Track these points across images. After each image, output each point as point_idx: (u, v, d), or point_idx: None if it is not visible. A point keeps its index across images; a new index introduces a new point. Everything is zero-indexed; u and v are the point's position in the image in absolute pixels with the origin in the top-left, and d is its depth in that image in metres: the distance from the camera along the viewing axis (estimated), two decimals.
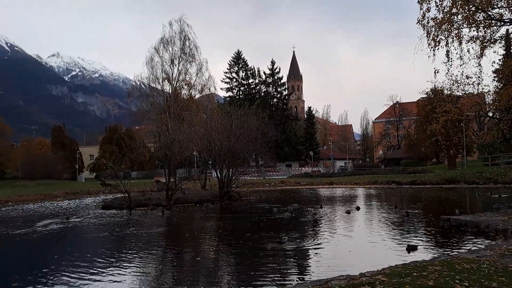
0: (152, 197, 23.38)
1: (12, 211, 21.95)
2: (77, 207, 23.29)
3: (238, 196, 24.28)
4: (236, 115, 25.81)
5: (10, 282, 7.72)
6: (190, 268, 8.69)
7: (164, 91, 52.02)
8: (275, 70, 69.88)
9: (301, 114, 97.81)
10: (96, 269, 8.33)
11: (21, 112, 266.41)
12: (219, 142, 24.55)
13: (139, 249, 10.52)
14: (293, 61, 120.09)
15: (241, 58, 69.49)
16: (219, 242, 11.67)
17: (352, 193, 27.93)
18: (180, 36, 50.80)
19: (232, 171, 24.30)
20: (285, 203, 20.47)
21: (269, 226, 14.02)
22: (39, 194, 31.69)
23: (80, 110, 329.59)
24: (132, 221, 16.05)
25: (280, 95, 70.65)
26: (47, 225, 15.32)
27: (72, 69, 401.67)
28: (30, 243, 12.21)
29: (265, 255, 9.34)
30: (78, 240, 12.69)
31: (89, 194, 33.44)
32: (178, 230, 14.39)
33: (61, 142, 71.80)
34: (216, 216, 18.29)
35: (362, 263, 8.23)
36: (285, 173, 52.37)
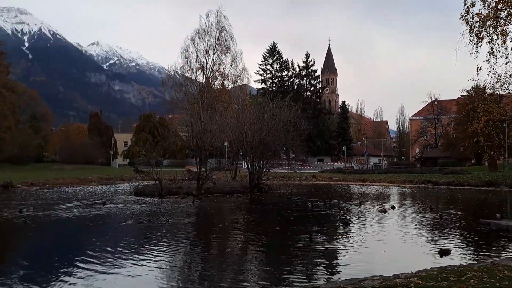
0: (183, 185, 23.57)
1: (52, 193, 22.66)
2: (111, 193, 23.79)
3: (268, 189, 24.13)
4: (268, 107, 25.55)
5: (37, 265, 7.86)
6: (218, 261, 8.58)
7: (198, 81, 52.29)
8: (310, 63, 69.01)
9: (334, 108, 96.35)
10: (124, 258, 8.35)
11: (61, 98, 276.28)
12: (251, 133, 24.40)
13: (168, 238, 10.51)
14: (328, 54, 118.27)
15: (276, 50, 68.97)
16: (248, 235, 11.51)
17: (386, 191, 27.18)
18: (217, 27, 50.83)
19: (263, 163, 24.12)
20: (315, 198, 20.12)
21: (300, 220, 13.78)
22: (75, 178, 32.64)
23: (117, 97, 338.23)
24: (163, 210, 16.15)
25: (314, 88, 69.77)
26: (84, 209, 15.67)
27: (110, 58, 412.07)
28: (69, 226, 12.51)
29: (295, 251, 9.13)
30: (112, 226, 12.81)
31: (122, 180, 34.16)
32: (207, 220, 14.37)
33: (98, 128, 73.89)
34: (246, 208, 18.21)
35: (392, 264, 7.98)
36: (317, 167, 51.81)
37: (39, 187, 26.74)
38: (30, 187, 26.43)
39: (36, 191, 23.93)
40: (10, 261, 8.56)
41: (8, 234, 11.75)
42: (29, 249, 9.95)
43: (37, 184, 27.66)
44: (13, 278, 6.96)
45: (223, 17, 51.10)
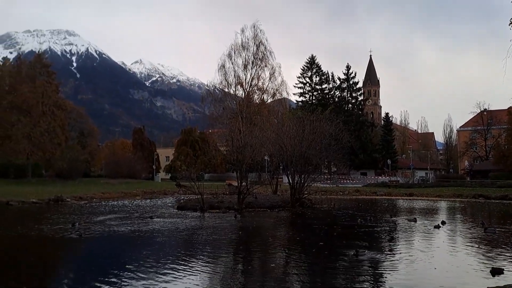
0: (224, 200, 23.55)
1: (100, 207, 23.33)
2: (155, 206, 24.15)
3: (310, 203, 23.65)
4: (308, 121, 25.21)
5: (87, 278, 7.97)
6: (260, 277, 8.44)
7: (237, 95, 52.77)
8: (351, 75, 68.01)
9: (377, 120, 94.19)
10: (168, 272, 8.32)
11: (107, 114, 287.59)
12: (291, 147, 24.12)
13: (212, 253, 10.44)
14: (370, 65, 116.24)
15: (315, 63, 68.55)
16: (291, 250, 11.24)
17: (435, 206, 25.96)
18: (254, 41, 51.29)
19: (305, 177, 23.72)
20: (361, 213, 19.50)
21: (345, 236, 13.32)
22: (120, 192, 33.54)
23: (159, 113, 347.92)
24: (206, 224, 16.14)
25: (355, 100, 68.54)
26: (133, 222, 15.99)
27: (152, 75, 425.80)
28: (119, 240, 12.76)
29: (339, 267, 8.82)
30: (161, 241, 12.83)
31: (164, 194, 34.72)
32: (250, 235, 14.16)
33: (141, 144, 75.95)
34: (288, 222, 17.91)
35: (443, 281, 7.64)
36: (360, 181, 50.52)
37: (87, 201, 27.64)
38: (79, 201, 27.35)
39: (85, 205, 24.75)
40: (63, 270, 8.73)
41: (63, 247, 12.10)
42: (81, 261, 10.19)
43: (85, 198, 28.60)
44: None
45: (259, 31, 51.53)
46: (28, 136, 48.56)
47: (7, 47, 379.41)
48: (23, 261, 9.93)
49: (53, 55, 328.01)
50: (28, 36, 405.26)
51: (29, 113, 49.82)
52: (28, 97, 49.24)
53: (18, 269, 8.99)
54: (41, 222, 16.15)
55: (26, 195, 27.23)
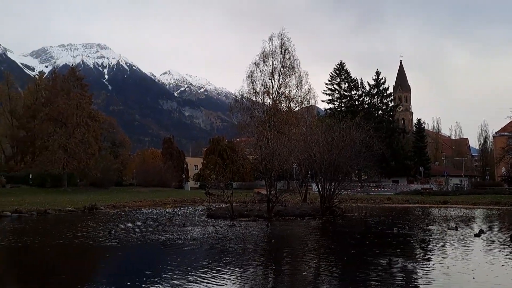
0: (253, 208, 23.57)
1: (133, 215, 23.81)
2: (185, 215, 24.43)
3: (341, 212, 23.34)
4: (338, 128, 24.96)
5: (123, 284, 8.14)
6: (291, 285, 8.42)
7: (264, 104, 52.86)
8: (380, 81, 66.90)
9: (409, 127, 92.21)
10: (201, 280, 8.41)
11: (137, 125, 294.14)
12: (320, 155, 23.91)
13: (244, 261, 10.47)
14: (400, 70, 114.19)
15: (344, 69, 67.91)
16: (322, 258, 11.14)
17: (471, 214, 25.09)
18: (281, 50, 51.36)
19: (334, 185, 23.45)
20: (392, 222, 19.10)
21: (377, 244, 13.07)
22: (151, 201, 34.15)
23: (187, 123, 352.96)
24: (237, 232, 16.18)
25: (386, 106, 67.31)
26: (167, 230, 16.26)
27: (180, 85, 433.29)
28: (154, 248, 12.97)
29: (371, 276, 8.65)
30: (194, 248, 12.92)
31: (194, 203, 35.07)
32: (281, 244, 14.08)
33: (170, 153, 77.23)
34: (319, 231, 17.74)
35: None
36: (392, 189, 49.48)
37: (120, 209, 28.26)
38: (112, 209, 28.02)
39: (119, 213, 25.34)
40: (101, 277, 8.97)
41: (101, 254, 12.43)
42: (119, 268, 10.49)
43: (118, 206, 29.27)
44: None
45: (286, 39, 51.56)
46: (64, 146, 50.28)
47: (43, 61, 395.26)
48: (64, 268, 10.26)
49: (86, 68, 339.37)
50: (62, 50, 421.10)
51: (64, 124, 51.63)
52: (63, 109, 51.07)
53: (59, 276, 9.27)
54: (79, 230, 16.66)
55: (62, 204, 28.15)
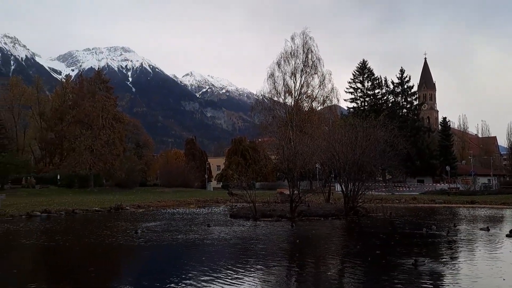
0: (276, 208, 23.53)
1: (157, 215, 24.16)
2: (209, 214, 24.62)
3: (365, 212, 23.06)
4: (361, 127, 24.67)
5: (149, 282, 8.29)
6: (315, 285, 8.38)
7: (286, 104, 52.72)
8: (405, 79, 65.78)
9: (434, 125, 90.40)
10: (227, 280, 8.46)
11: (160, 126, 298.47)
12: (344, 155, 23.68)
13: (269, 261, 10.47)
14: (425, 68, 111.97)
15: (367, 68, 67.08)
16: (346, 259, 11.05)
17: (501, 214, 24.37)
18: (303, 49, 51.16)
19: (358, 185, 23.18)
20: (418, 222, 18.76)
21: (403, 245, 12.87)
22: (175, 201, 34.57)
23: (209, 123, 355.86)
24: (262, 232, 16.18)
25: (410, 105, 66.13)
26: (192, 230, 16.43)
27: (202, 87, 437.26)
28: (179, 247, 13.11)
29: (397, 278, 8.51)
30: (217, 248, 12.99)
31: (217, 203, 35.27)
32: (307, 244, 14.00)
33: (193, 153, 77.97)
34: (343, 231, 17.60)
35: None
36: (417, 189, 48.57)
37: (145, 209, 28.72)
38: (137, 209, 28.49)
39: (144, 213, 25.78)
40: (127, 276, 9.17)
41: (129, 253, 12.71)
42: (145, 266, 10.66)
43: (143, 206, 29.74)
44: None
45: (308, 38, 51.33)
46: (90, 148, 51.48)
47: (69, 65, 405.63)
48: (92, 267, 10.50)
49: (111, 71, 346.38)
50: (87, 54, 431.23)
51: (90, 126, 52.84)
52: (89, 112, 52.28)
53: (89, 275, 9.50)
54: (106, 230, 17.05)
55: (89, 204, 28.81)
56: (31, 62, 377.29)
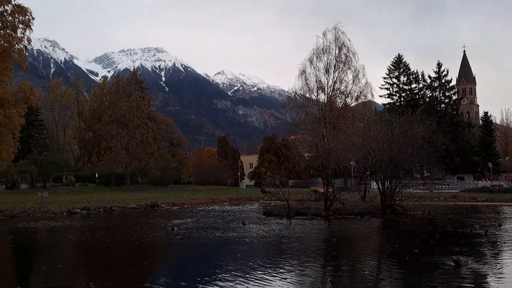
0: (310, 206, 23.26)
1: (192, 213, 24.45)
2: (243, 212, 24.65)
3: (402, 210, 22.42)
4: (397, 123, 23.98)
5: (185, 278, 8.32)
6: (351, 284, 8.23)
7: (319, 100, 52.02)
8: (442, 73, 63.45)
9: (474, 120, 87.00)
10: (259, 279, 8.34)
11: (193, 124, 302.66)
12: (379, 152, 23.11)
13: (305, 260, 10.31)
14: (464, 61, 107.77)
15: (402, 62, 65.18)
16: (384, 258, 10.77)
17: None
18: (336, 44, 50.25)
19: (395, 182, 22.55)
20: (460, 220, 18.05)
21: (443, 244, 12.40)
22: (208, 198, 34.89)
23: (241, 121, 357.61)
24: (296, 231, 16.01)
25: (449, 99, 63.73)
26: (227, 227, 16.55)
27: (234, 85, 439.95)
28: (215, 245, 13.15)
29: (436, 278, 8.19)
30: (253, 246, 12.95)
31: (250, 200, 35.32)
32: (343, 243, 13.72)
33: (225, 151, 78.42)
34: (380, 229, 17.17)
35: None
36: (457, 186, 46.83)
37: (179, 206, 29.13)
38: (172, 206, 28.94)
39: (178, 210, 26.14)
40: (166, 272, 9.24)
41: (166, 250, 12.91)
42: (180, 263, 10.77)
43: (177, 203, 30.20)
44: None
45: (341, 33, 50.28)
46: (126, 147, 52.75)
47: (105, 66, 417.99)
48: (131, 263, 10.70)
49: (145, 71, 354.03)
50: (122, 55, 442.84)
51: (126, 126, 54.13)
52: (125, 111, 53.54)
53: (129, 271, 9.66)
54: (143, 227, 17.41)
55: (126, 201, 29.52)
56: (69, 65, 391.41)
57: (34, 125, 60.80)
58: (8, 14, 30.51)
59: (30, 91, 33.35)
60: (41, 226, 18.20)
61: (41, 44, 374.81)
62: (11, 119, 30.35)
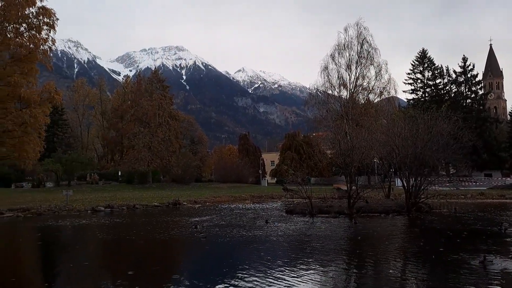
0: (333, 204, 22.97)
1: (214, 211, 24.48)
2: (265, 210, 24.53)
3: (428, 208, 21.90)
4: (422, 119, 23.40)
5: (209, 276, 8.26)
6: (375, 284, 8.04)
7: (341, 97, 51.46)
8: (468, 67, 61.81)
9: (502, 115, 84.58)
10: (282, 279, 8.20)
11: (214, 122, 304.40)
12: (404, 148, 22.61)
13: (328, 260, 10.11)
14: (490, 55, 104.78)
15: (426, 57, 63.79)
16: (409, 257, 10.49)
17: None
18: (357, 40, 49.61)
19: (421, 180, 22.02)
20: (489, 218, 17.48)
21: (470, 242, 12.02)
22: (230, 196, 34.94)
23: (262, 119, 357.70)
24: (319, 229, 15.72)
25: (475, 94, 62.04)
26: (249, 226, 16.44)
27: (255, 82, 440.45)
28: (235, 242, 13.11)
29: (462, 278, 7.92)
30: (278, 245, 12.75)
31: (272, 198, 35.18)
32: (368, 241, 13.42)
33: (246, 149, 78.54)
34: (406, 228, 16.78)
35: None
36: (484, 183, 45.61)
37: (201, 204, 29.24)
38: (194, 204, 29.08)
39: (200, 208, 26.23)
40: (186, 268, 9.24)
41: (190, 248, 12.97)
42: (206, 261, 10.72)
43: (199, 201, 30.32)
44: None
45: (363, 29, 49.68)
46: (148, 145, 53.43)
47: (127, 65, 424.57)
48: (156, 260, 10.74)
49: (166, 70, 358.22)
50: (144, 55, 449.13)
51: (148, 124, 54.83)
52: (147, 110, 54.24)
53: (155, 268, 9.67)
54: (166, 224, 17.47)
55: (148, 199, 29.83)
56: (92, 64, 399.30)
57: (59, 124, 62.26)
58: (33, 16, 31.25)
59: (55, 91, 34.08)
60: (67, 224, 18.53)
61: (64, 44, 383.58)
62: (37, 118, 31.06)
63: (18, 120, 30.50)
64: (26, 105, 31.92)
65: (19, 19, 30.72)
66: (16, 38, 31.49)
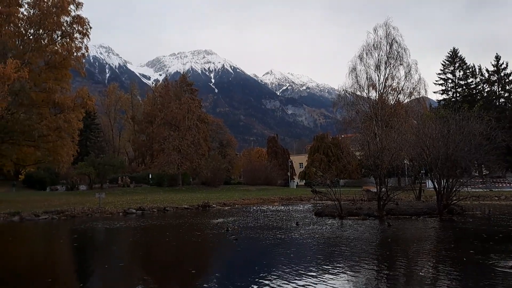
0: (362, 206, 22.77)
1: (244, 212, 24.74)
2: (294, 212, 24.58)
3: (460, 210, 21.39)
4: (454, 120, 22.89)
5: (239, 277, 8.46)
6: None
7: (370, 98, 50.85)
8: (501, 66, 59.74)
9: None
10: (311, 282, 8.29)
11: (242, 125, 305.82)
12: (435, 150, 22.17)
13: (358, 263, 10.08)
14: None
15: (458, 56, 62.12)
16: (440, 259, 10.31)
17: None
18: (386, 40, 48.98)
19: (452, 181, 21.54)
20: None
21: (504, 245, 11.70)
22: (259, 198, 35.14)
23: (290, 121, 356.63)
24: (349, 232, 15.62)
25: (509, 94, 59.87)
26: (279, 228, 16.53)
27: (283, 84, 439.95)
28: (267, 244, 13.18)
29: (494, 282, 7.76)
30: (304, 247, 12.82)
31: (301, 200, 35.16)
32: (399, 244, 13.24)
33: (275, 151, 78.62)
34: (438, 230, 16.46)
35: None
36: None
37: (230, 206, 29.57)
38: (223, 206, 29.44)
39: (229, 210, 26.53)
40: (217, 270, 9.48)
41: (221, 250, 13.19)
42: (234, 263, 10.92)
43: (228, 204, 30.66)
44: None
45: (392, 29, 49.03)
46: (178, 148, 54.35)
47: (157, 70, 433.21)
48: (188, 262, 11.04)
49: (195, 73, 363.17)
50: (173, 59, 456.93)
51: (177, 127, 55.80)
52: (176, 114, 55.22)
53: (188, 270, 9.95)
54: (197, 227, 17.80)
55: (178, 202, 30.40)
56: (123, 69, 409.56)
57: (91, 128, 64.26)
58: (68, 24, 32.55)
59: (87, 97, 35.27)
60: (100, 226, 19.15)
61: (96, 50, 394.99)
62: (71, 123, 32.24)
63: (52, 125, 31.71)
64: (60, 110, 33.15)
65: (54, 27, 32.03)
66: (50, 45, 32.86)
